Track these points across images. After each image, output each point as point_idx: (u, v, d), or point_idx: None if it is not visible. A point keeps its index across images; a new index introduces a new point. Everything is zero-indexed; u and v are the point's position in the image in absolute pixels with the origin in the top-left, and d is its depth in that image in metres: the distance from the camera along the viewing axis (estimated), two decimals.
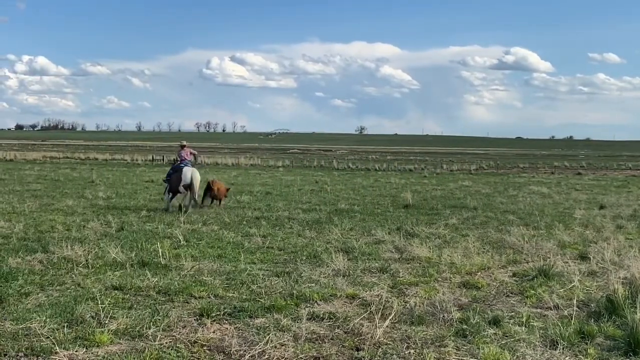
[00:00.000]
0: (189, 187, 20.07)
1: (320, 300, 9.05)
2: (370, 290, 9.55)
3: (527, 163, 79.22)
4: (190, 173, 20.05)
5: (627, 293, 8.88)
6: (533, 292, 9.72)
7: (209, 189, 21.51)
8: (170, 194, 20.49)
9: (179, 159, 21.67)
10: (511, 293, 9.86)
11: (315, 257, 12.18)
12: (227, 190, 22.43)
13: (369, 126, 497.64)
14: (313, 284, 9.95)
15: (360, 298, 9.20)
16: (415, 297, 9.30)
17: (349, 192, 29.69)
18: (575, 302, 8.73)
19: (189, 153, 21.47)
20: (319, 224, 17.00)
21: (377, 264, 11.59)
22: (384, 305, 8.38)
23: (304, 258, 12.17)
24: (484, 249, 13.39)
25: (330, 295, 9.29)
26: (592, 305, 9.00)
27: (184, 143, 21.67)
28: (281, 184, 34.35)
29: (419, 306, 8.67)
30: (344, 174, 48.73)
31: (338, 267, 10.93)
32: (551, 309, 8.84)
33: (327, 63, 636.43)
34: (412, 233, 15.34)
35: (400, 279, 10.54)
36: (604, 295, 9.17)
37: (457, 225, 17.46)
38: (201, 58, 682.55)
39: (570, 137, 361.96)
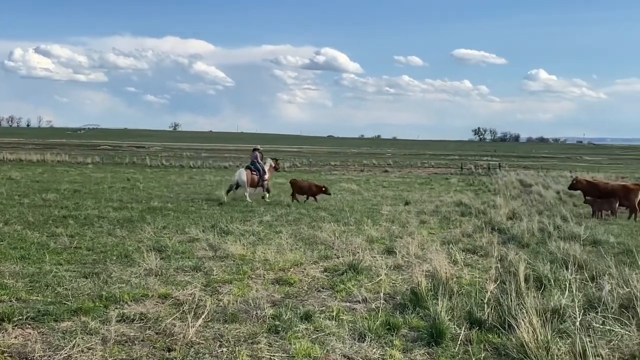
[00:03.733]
0: (237, 183, 24.95)
1: (131, 301, 8.80)
2: (184, 290, 9.42)
3: (338, 161, 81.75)
4: (237, 173, 25.35)
5: (429, 285, 9.41)
6: (343, 286, 10.02)
7: (293, 189, 24.87)
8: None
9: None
10: (322, 288, 10.11)
11: (127, 257, 11.83)
12: (318, 187, 25.21)
13: (183, 123, 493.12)
14: (123, 285, 9.65)
15: (172, 297, 9.04)
16: (229, 295, 9.28)
17: (162, 189, 29.13)
18: (382, 295, 9.14)
19: (257, 156, 25.77)
20: (131, 223, 16.53)
21: (190, 263, 11.44)
22: (197, 304, 8.31)
23: (115, 258, 11.78)
24: (297, 245, 13.63)
25: (142, 296, 9.06)
26: (398, 297, 9.44)
27: (258, 147, 26.84)
28: (91, 182, 33.07)
29: (233, 304, 8.67)
30: (157, 171, 47.80)
31: (150, 267, 10.65)
32: (360, 303, 9.16)
33: (139, 58, 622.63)
34: (226, 230, 15.32)
35: (214, 277, 10.48)
36: (409, 287, 9.67)
37: (271, 222, 17.67)
38: (2, 49, 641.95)
39: (378, 136, 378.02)
